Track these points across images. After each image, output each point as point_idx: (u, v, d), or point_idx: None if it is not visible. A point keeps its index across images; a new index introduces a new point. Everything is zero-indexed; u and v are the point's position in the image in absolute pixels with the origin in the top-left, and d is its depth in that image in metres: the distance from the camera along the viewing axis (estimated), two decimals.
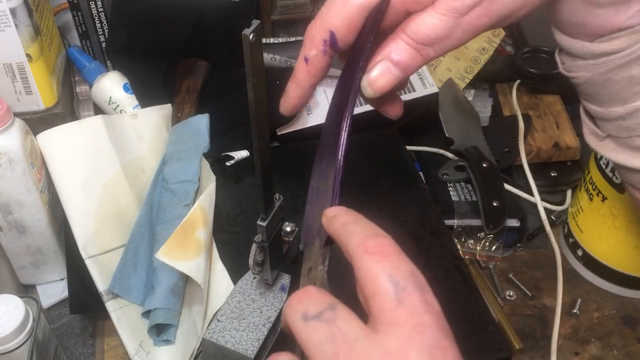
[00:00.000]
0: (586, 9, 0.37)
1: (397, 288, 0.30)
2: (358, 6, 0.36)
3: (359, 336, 0.29)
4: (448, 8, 0.34)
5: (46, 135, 0.67)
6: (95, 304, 0.63)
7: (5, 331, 0.50)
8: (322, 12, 0.37)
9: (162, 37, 0.82)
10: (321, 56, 0.38)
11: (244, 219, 0.69)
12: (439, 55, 0.37)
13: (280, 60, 0.82)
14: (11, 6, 0.63)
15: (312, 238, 0.39)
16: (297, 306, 0.31)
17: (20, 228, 0.65)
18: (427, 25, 0.35)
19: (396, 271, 0.30)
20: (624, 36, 0.37)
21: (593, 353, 0.64)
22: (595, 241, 0.69)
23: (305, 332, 0.30)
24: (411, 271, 0.31)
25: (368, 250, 0.31)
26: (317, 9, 0.87)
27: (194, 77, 0.82)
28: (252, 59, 0.37)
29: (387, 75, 0.37)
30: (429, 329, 0.29)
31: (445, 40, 0.36)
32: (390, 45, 0.36)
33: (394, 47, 0.36)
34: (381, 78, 0.37)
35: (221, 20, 0.82)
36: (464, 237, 0.72)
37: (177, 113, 0.79)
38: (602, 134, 0.43)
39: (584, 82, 0.41)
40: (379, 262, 0.30)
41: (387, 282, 0.30)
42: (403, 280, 0.30)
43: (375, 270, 0.30)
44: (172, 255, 0.58)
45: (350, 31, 0.37)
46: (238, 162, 0.74)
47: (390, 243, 0.32)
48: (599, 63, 0.39)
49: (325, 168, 0.39)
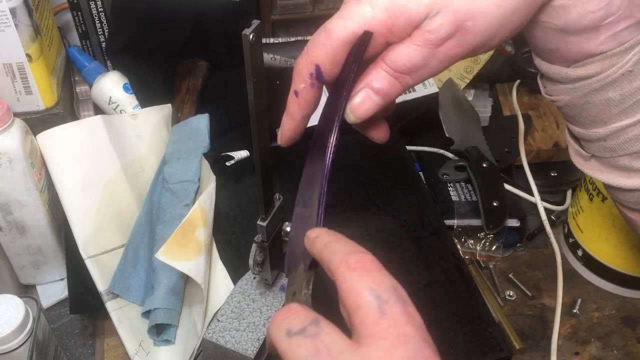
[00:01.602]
0: (559, 37, 0.39)
1: (380, 301, 0.30)
2: (340, 41, 0.38)
3: (344, 349, 0.29)
4: (423, 40, 0.36)
5: (46, 135, 0.67)
6: (95, 304, 0.63)
7: (5, 331, 0.50)
8: (308, 46, 0.39)
9: (162, 37, 0.82)
10: (309, 89, 0.40)
11: (244, 219, 0.69)
12: (417, 83, 0.39)
13: (280, 60, 0.82)
14: (11, 6, 0.63)
15: (296, 262, 0.40)
16: (281, 323, 0.32)
17: (20, 228, 0.65)
18: (404, 56, 0.37)
19: (378, 285, 0.31)
20: (597, 61, 0.39)
21: (593, 353, 0.64)
22: (595, 241, 0.69)
23: (289, 348, 0.30)
24: (393, 285, 0.31)
25: (350, 266, 0.32)
26: (317, 9, 0.87)
27: (194, 77, 0.82)
28: (252, 59, 0.37)
29: (368, 102, 0.39)
30: (411, 340, 0.29)
31: (422, 69, 0.38)
32: (371, 74, 0.39)
33: (375, 75, 0.38)
34: (363, 105, 0.39)
35: (221, 20, 0.82)
36: (464, 237, 0.72)
37: (177, 113, 0.79)
38: (587, 155, 0.45)
39: (564, 105, 0.43)
40: (361, 276, 0.31)
41: (369, 295, 0.30)
42: (385, 294, 0.31)
43: (358, 285, 0.31)
44: (172, 255, 0.58)
45: (334, 64, 0.39)
46: (238, 162, 0.74)
47: (371, 259, 0.33)
48: (577, 87, 0.40)
49: (309, 195, 0.41)
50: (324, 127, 0.41)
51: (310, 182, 0.42)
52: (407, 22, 0.36)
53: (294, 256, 0.42)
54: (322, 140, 0.40)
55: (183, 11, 0.81)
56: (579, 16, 0.37)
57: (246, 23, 0.36)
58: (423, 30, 0.36)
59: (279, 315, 0.32)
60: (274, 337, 0.32)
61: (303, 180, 0.43)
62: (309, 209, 0.40)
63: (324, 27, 0.38)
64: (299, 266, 0.39)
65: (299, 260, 0.40)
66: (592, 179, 0.67)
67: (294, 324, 0.31)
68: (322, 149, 0.39)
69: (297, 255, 0.40)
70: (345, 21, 0.37)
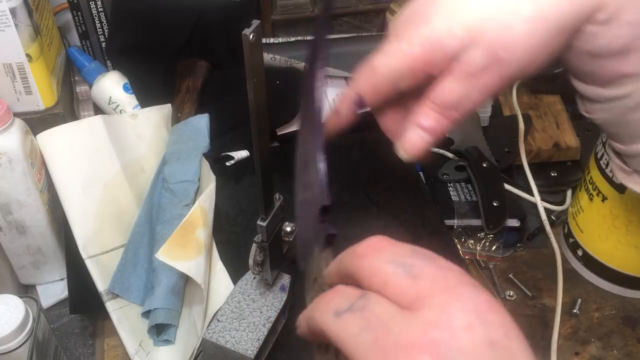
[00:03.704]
0: (592, 60, 0.40)
1: (405, 268, 0.29)
2: (382, 76, 0.40)
3: (395, 315, 0.27)
4: (461, 72, 0.38)
5: (46, 135, 0.67)
6: (95, 304, 0.63)
7: (5, 331, 0.50)
8: (355, 76, 0.42)
9: (162, 37, 0.82)
10: (349, 113, 0.44)
11: (244, 219, 0.69)
12: (463, 116, 0.40)
13: (280, 60, 0.82)
14: (11, 6, 0.63)
15: (309, 249, 0.39)
16: (327, 306, 0.30)
17: (20, 228, 0.65)
18: (446, 90, 0.39)
19: (397, 256, 0.29)
20: (631, 82, 0.40)
21: (593, 353, 0.64)
22: (595, 241, 0.69)
23: (339, 328, 0.28)
24: (412, 250, 0.30)
25: (359, 254, 0.31)
26: (317, 9, 0.87)
27: (194, 77, 0.82)
28: (252, 59, 0.37)
29: (419, 140, 0.41)
30: (460, 289, 0.27)
31: (464, 101, 0.39)
32: (419, 113, 0.40)
33: (422, 114, 0.40)
34: (415, 144, 0.41)
35: (221, 20, 0.82)
36: (464, 237, 0.72)
37: (177, 113, 0.79)
38: (629, 169, 0.46)
39: (603, 123, 0.44)
40: (376, 257, 0.30)
41: (392, 267, 0.29)
42: (408, 259, 0.29)
43: (376, 265, 0.29)
44: (172, 255, 0.58)
45: (376, 96, 0.42)
46: (238, 162, 0.74)
47: (379, 238, 0.31)
48: (613, 106, 0.42)
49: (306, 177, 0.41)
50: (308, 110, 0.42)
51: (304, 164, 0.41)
52: (444, 55, 0.38)
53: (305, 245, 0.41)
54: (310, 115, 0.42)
55: (183, 11, 0.81)
56: (609, 41, 0.38)
57: (246, 23, 0.36)
58: (460, 62, 0.38)
59: (324, 301, 0.30)
60: (322, 322, 0.29)
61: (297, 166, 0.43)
62: (310, 190, 0.39)
63: (369, 61, 0.41)
64: (313, 251, 0.38)
65: (312, 245, 0.38)
66: (593, 179, 0.67)
67: (341, 304, 0.29)
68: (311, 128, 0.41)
69: (309, 242, 0.39)
70: (387, 58, 0.40)
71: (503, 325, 0.27)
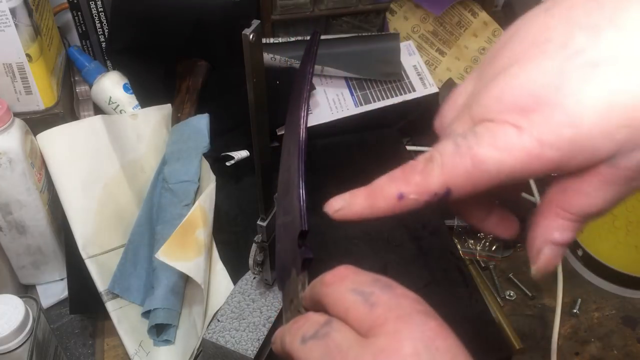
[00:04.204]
0: None
1: (364, 295, 0.30)
2: (489, 174, 0.29)
3: (352, 344, 0.29)
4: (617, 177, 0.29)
5: (46, 135, 0.67)
6: (95, 304, 0.63)
7: (5, 331, 0.50)
8: (445, 162, 0.30)
9: (162, 37, 0.82)
10: (421, 203, 0.32)
11: (244, 219, 0.69)
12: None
13: (280, 60, 0.82)
14: (11, 6, 0.62)
15: (287, 272, 0.40)
16: (296, 332, 0.32)
17: (20, 228, 0.65)
18: (593, 199, 0.30)
19: (358, 284, 0.31)
20: None
21: (593, 353, 0.64)
22: (595, 241, 0.69)
23: (305, 354, 0.31)
24: (373, 278, 0.31)
25: (326, 282, 0.32)
26: (317, 9, 0.87)
27: (194, 77, 0.82)
28: (252, 59, 0.37)
29: (556, 257, 0.33)
30: (411, 317, 0.29)
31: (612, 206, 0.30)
32: (551, 228, 0.32)
33: (557, 230, 0.32)
34: (550, 262, 0.33)
35: (221, 20, 0.82)
36: (464, 237, 0.72)
37: (177, 113, 0.79)
38: None
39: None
40: (340, 285, 0.32)
41: (352, 295, 0.31)
42: (367, 288, 0.31)
43: (339, 293, 0.31)
44: (172, 255, 0.58)
45: (472, 191, 0.30)
46: (238, 162, 0.74)
47: (344, 267, 0.33)
48: None
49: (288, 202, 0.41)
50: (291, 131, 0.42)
51: (286, 190, 0.42)
52: (591, 159, 0.28)
53: (283, 267, 0.43)
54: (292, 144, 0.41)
55: (183, 11, 0.81)
56: None
57: (246, 23, 0.36)
58: (618, 168, 0.28)
59: (295, 326, 0.32)
60: (291, 347, 0.32)
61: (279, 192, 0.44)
62: (290, 215, 0.40)
63: (471, 151, 0.29)
64: (291, 273, 0.40)
65: (289, 268, 0.40)
66: None
67: (307, 330, 0.31)
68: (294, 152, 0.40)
69: (288, 265, 0.41)
70: (501, 154, 0.28)
71: (450, 351, 0.28)
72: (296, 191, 0.39)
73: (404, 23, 0.91)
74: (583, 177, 0.29)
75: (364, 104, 0.81)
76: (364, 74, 0.83)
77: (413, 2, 0.89)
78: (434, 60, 0.92)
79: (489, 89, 0.29)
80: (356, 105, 0.81)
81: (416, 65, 0.86)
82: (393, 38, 0.85)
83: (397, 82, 0.83)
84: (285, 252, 0.42)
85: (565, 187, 0.30)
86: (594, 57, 0.26)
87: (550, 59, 0.27)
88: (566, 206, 0.30)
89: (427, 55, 0.92)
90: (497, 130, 0.28)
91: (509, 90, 0.28)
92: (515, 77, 0.28)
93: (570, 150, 0.27)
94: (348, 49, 0.84)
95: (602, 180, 0.29)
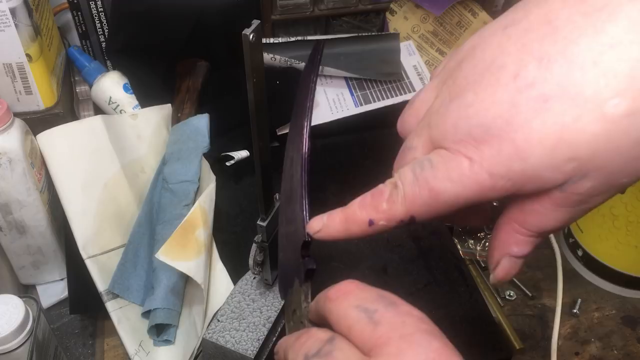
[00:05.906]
0: None
1: (368, 313, 0.30)
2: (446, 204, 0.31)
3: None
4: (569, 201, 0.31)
5: (46, 135, 0.67)
6: (95, 304, 0.63)
7: (5, 331, 0.50)
8: (407, 194, 0.32)
9: (162, 37, 0.82)
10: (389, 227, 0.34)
11: (244, 219, 0.69)
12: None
13: (280, 60, 0.82)
14: (11, 6, 0.62)
15: (290, 281, 0.40)
16: (300, 348, 0.31)
17: (20, 228, 0.65)
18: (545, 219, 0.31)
19: (362, 301, 0.31)
20: None
21: (593, 353, 0.64)
22: (595, 241, 0.69)
23: None
24: (377, 294, 0.31)
25: (330, 298, 0.32)
26: (317, 9, 0.87)
27: (194, 77, 0.82)
28: (252, 59, 0.37)
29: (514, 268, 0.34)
30: (415, 337, 0.29)
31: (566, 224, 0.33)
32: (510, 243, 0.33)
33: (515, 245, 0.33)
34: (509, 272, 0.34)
35: (221, 20, 0.82)
36: (464, 237, 0.72)
37: (177, 113, 0.79)
38: None
39: None
40: (344, 301, 0.31)
41: (355, 312, 0.30)
42: (372, 305, 0.30)
43: (342, 309, 0.31)
44: (172, 255, 0.58)
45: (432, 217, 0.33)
46: (238, 162, 0.74)
47: (349, 282, 0.32)
48: None
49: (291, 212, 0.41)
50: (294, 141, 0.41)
51: (289, 199, 0.42)
52: (541, 187, 0.29)
53: (286, 276, 0.43)
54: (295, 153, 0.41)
55: (183, 11, 0.81)
56: None
57: (246, 23, 0.36)
58: (567, 193, 0.29)
59: (298, 342, 0.32)
60: None
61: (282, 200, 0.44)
62: (293, 225, 0.40)
63: (428, 184, 0.31)
64: (294, 283, 0.39)
65: (293, 277, 0.40)
66: None
67: (311, 347, 0.31)
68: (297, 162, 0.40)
69: (291, 274, 0.40)
70: (456, 187, 0.30)
71: None
72: (299, 202, 0.39)
73: (404, 23, 0.91)
74: (537, 199, 0.30)
75: (364, 104, 0.81)
76: (364, 74, 0.83)
77: (413, 2, 0.89)
78: (434, 60, 0.92)
79: (447, 115, 0.30)
80: (356, 105, 0.81)
81: (416, 65, 0.86)
82: (393, 38, 0.85)
83: (397, 82, 0.83)
84: (288, 262, 0.42)
85: (522, 205, 0.31)
86: (544, 91, 0.27)
87: (503, 90, 0.28)
88: (523, 223, 0.32)
89: (427, 55, 0.92)
90: (451, 162, 0.30)
91: (463, 120, 0.29)
92: (470, 106, 0.29)
93: (520, 181, 0.29)
94: (348, 49, 0.84)
95: (554, 203, 0.30)
